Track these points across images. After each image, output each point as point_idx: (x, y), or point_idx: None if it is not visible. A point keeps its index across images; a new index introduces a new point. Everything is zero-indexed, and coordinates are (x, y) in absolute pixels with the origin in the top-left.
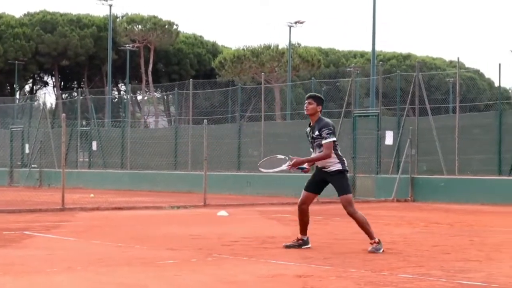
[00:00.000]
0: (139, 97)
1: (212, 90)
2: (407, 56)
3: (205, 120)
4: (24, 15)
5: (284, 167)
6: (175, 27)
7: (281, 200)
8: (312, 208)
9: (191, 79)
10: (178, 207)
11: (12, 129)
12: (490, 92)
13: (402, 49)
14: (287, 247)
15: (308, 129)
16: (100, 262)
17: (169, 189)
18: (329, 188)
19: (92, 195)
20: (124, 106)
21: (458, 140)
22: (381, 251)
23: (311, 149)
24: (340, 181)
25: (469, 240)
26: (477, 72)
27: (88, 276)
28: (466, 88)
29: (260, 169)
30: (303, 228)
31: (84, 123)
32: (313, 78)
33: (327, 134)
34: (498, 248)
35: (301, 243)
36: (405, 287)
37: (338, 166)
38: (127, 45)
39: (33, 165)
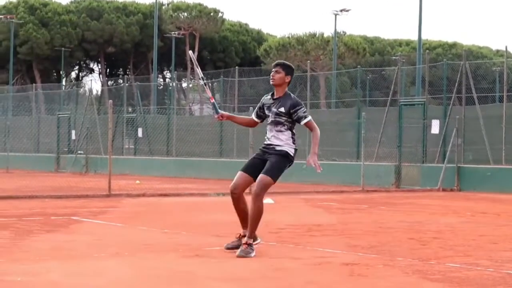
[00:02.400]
0: (184, 84)
1: (257, 78)
2: (453, 45)
3: (250, 108)
4: (71, 2)
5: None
6: (220, 14)
7: (326, 188)
8: (356, 196)
9: (236, 67)
10: (223, 194)
11: (59, 116)
12: None
13: (448, 38)
14: (228, 248)
15: (269, 99)
16: (147, 248)
17: (215, 177)
18: (370, 176)
19: (138, 181)
20: (170, 93)
21: (505, 129)
22: (252, 255)
23: (259, 121)
24: (279, 162)
25: None
26: None
27: (135, 262)
28: None
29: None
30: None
31: (130, 110)
32: (358, 66)
33: (304, 113)
34: None
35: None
36: (453, 276)
37: (288, 149)
38: (173, 32)
39: (79, 152)
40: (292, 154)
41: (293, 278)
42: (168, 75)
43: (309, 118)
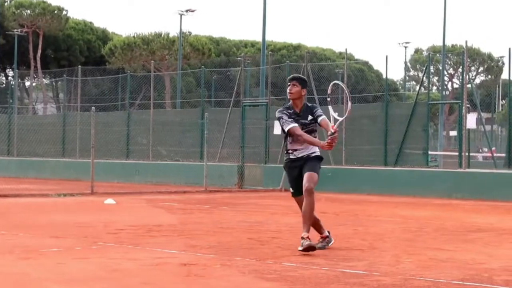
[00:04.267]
0: (27, 83)
1: (101, 77)
2: (298, 47)
3: (93, 108)
4: None
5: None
6: (64, 12)
7: (168, 189)
8: (198, 197)
9: (79, 66)
10: (65, 195)
11: None
12: (379, 83)
13: (293, 40)
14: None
15: (293, 113)
16: None
17: (57, 177)
18: (213, 177)
19: None
20: (12, 92)
21: (345, 130)
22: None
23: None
24: (315, 165)
25: (353, 230)
26: (366, 63)
27: None
28: (355, 79)
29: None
30: (318, 227)
31: None
32: (203, 66)
33: (321, 112)
34: (381, 237)
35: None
36: (288, 275)
37: (317, 151)
38: (16, 30)
39: None
40: (320, 155)
41: (129, 278)
42: (10, 73)
43: (324, 115)
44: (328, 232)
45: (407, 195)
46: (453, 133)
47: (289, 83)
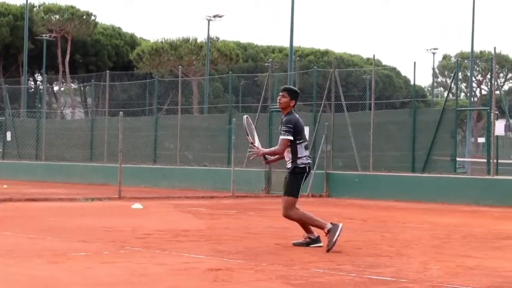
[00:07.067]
0: (56, 88)
1: (129, 82)
2: (325, 53)
3: (120, 112)
4: None
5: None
6: (93, 17)
7: (196, 194)
8: (226, 202)
9: (107, 71)
10: (92, 199)
11: None
12: (406, 90)
13: (320, 45)
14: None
15: None
16: (10, 253)
17: (84, 181)
18: (240, 182)
19: (5, 186)
20: (40, 96)
21: (373, 136)
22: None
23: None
24: (290, 181)
25: (381, 236)
26: (393, 70)
27: None
28: (382, 86)
29: (244, 122)
30: (306, 228)
31: None
32: (230, 72)
33: (284, 131)
34: (408, 244)
35: (309, 242)
36: (316, 281)
37: (290, 165)
38: (44, 35)
39: None
40: (300, 166)
41: (157, 283)
42: (39, 78)
43: (282, 137)
44: (317, 236)
45: (434, 201)
46: (481, 139)
47: (280, 93)
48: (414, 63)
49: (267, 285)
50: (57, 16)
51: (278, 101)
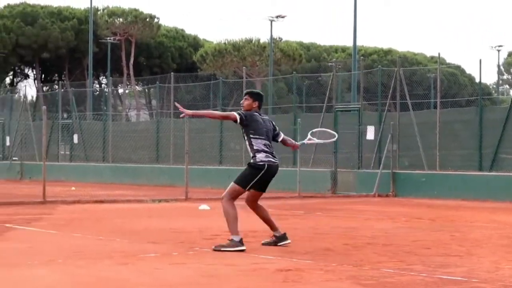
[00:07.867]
0: (121, 90)
1: (193, 83)
2: (388, 51)
3: None
4: (5, 7)
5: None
6: (156, 20)
7: (262, 195)
8: (292, 202)
9: (172, 73)
10: (160, 201)
11: None
12: (471, 87)
13: (384, 44)
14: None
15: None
16: (80, 255)
17: (151, 183)
18: (307, 182)
19: (73, 188)
20: (105, 99)
21: (439, 135)
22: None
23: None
24: (245, 171)
25: (450, 235)
26: (458, 68)
27: (68, 269)
28: (447, 84)
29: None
30: (272, 225)
31: (65, 116)
32: (294, 72)
33: (238, 112)
34: (478, 243)
35: (276, 240)
36: (387, 281)
37: (255, 160)
38: (108, 38)
39: (14, 158)
40: (259, 163)
41: (227, 284)
42: (104, 80)
43: (234, 112)
44: (283, 233)
45: (503, 200)
46: None
47: (243, 97)
48: (480, 60)
49: (337, 286)
50: (121, 19)
51: (241, 104)
